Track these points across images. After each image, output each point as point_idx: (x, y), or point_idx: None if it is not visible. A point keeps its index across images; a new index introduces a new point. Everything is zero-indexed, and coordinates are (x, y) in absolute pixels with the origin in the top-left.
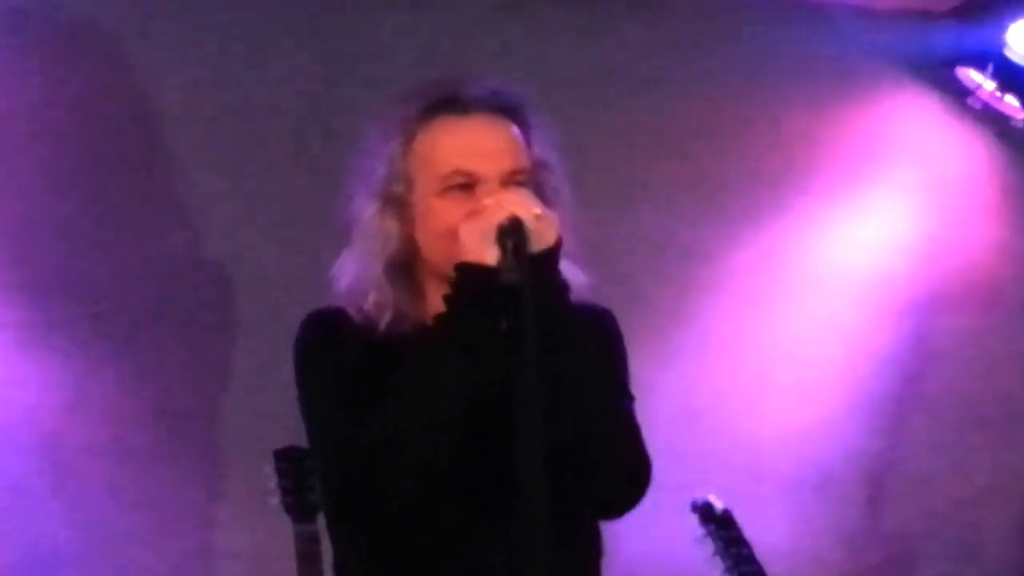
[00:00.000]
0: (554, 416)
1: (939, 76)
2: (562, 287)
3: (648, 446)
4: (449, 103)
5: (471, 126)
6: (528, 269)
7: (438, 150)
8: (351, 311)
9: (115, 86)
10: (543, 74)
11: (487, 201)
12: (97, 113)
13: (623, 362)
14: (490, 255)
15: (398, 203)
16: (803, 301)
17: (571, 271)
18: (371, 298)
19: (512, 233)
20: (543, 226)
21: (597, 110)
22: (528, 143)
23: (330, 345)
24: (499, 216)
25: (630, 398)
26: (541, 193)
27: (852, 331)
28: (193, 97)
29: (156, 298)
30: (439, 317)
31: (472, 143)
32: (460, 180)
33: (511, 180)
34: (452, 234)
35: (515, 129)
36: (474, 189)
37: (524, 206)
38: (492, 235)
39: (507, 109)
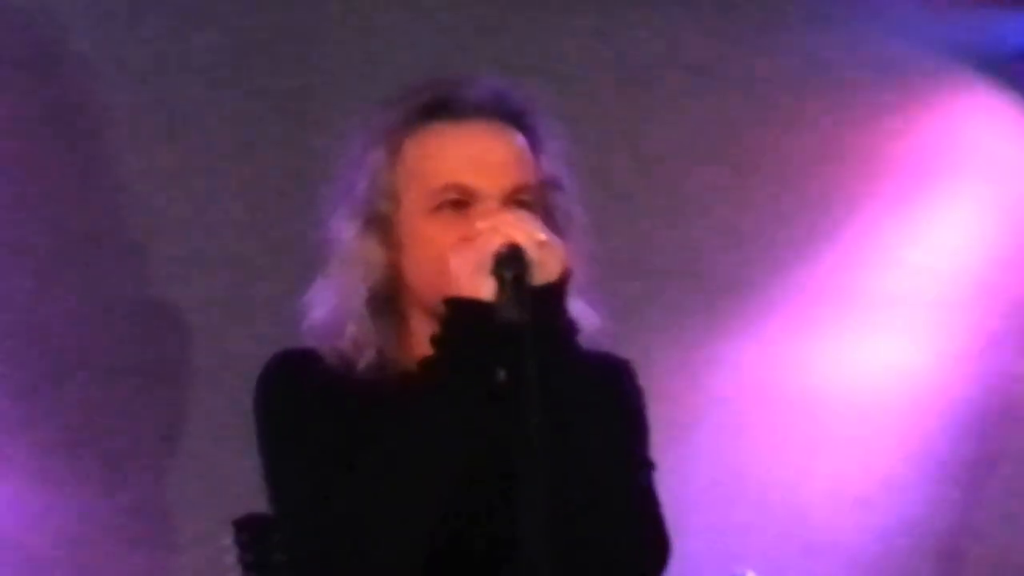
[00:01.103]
0: (561, 486)
1: (1011, 72)
2: (569, 328)
3: (675, 516)
4: (443, 107)
5: (468, 134)
6: (530, 306)
7: (429, 162)
8: (324, 351)
9: (68, 107)
10: (558, 73)
11: (482, 225)
12: (41, 137)
13: (642, 423)
14: (485, 289)
15: (382, 224)
16: (858, 341)
17: (582, 311)
18: (349, 335)
19: (511, 263)
20: (547, 255)
21: (620, 115)
22: (536, 156)
23: (298, 395)
24: (496, 242)
25: (649, 466)
26: (549, 216)
27: (917, 377)
28: (143, 117)
29: (95, 342)
30: (426, 362)
31: (469, 154)
32: (453, 197)
33: (513, 199)
34: (442, 260)
35: (520, 139)
36: (469, 208)
37: (525, 231)
38: (488, 265)
39: (512, 114)
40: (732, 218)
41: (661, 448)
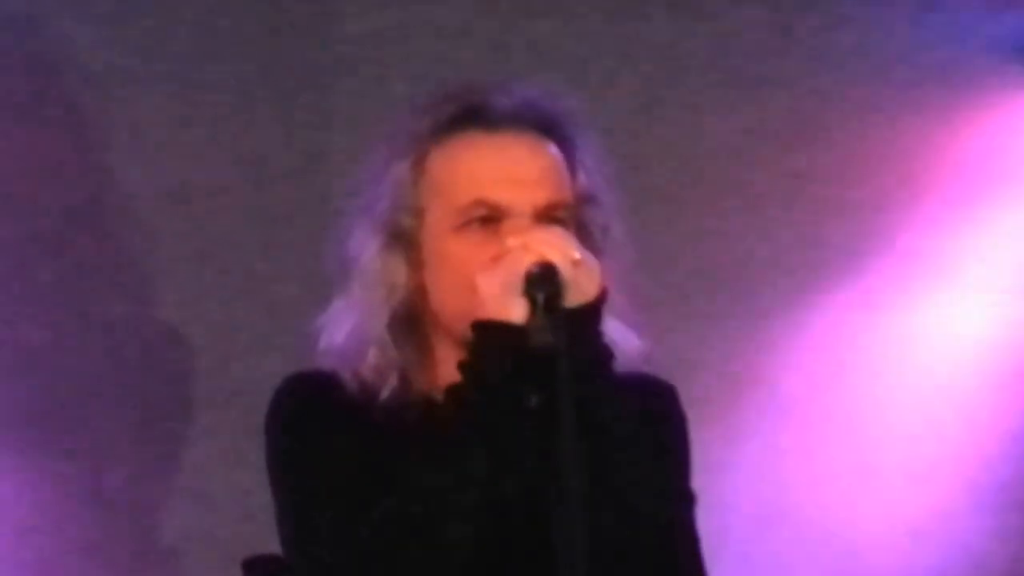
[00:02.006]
0: (596, 520)
1: None
2: (605, 352)
3: (715, 548)
4: (472, 116)
5: (499, 145)
6: (563, 329)
7: (456, 175)
8: (342, 375)
9: (71, 129)
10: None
11: (512, 242)
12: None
13: (683, 453)
14: (515, 311)
15: (406, 241)
16: (912, 363)
17: (620, 333)
18: (370, 361)
19: (543, 283)
20: (582, 275)
21: (655, 122)
22: (572, 169)
23: (314, 422)
24: (527, 261)
25: (690, 499)
26: (585, 232)
27: (974, 403)
28: (149, 133)
29: (96, 371)
30: (452, 390)
31: (499, 167)
32: (482, 213)
33: (547, 215)
34: (468, 282)
35: (555, 150)
36: (499, 226)
37: (559, 249)
38: (518, 285)
39: (546, 125)
40: (778, 227)
41: (700, 474)
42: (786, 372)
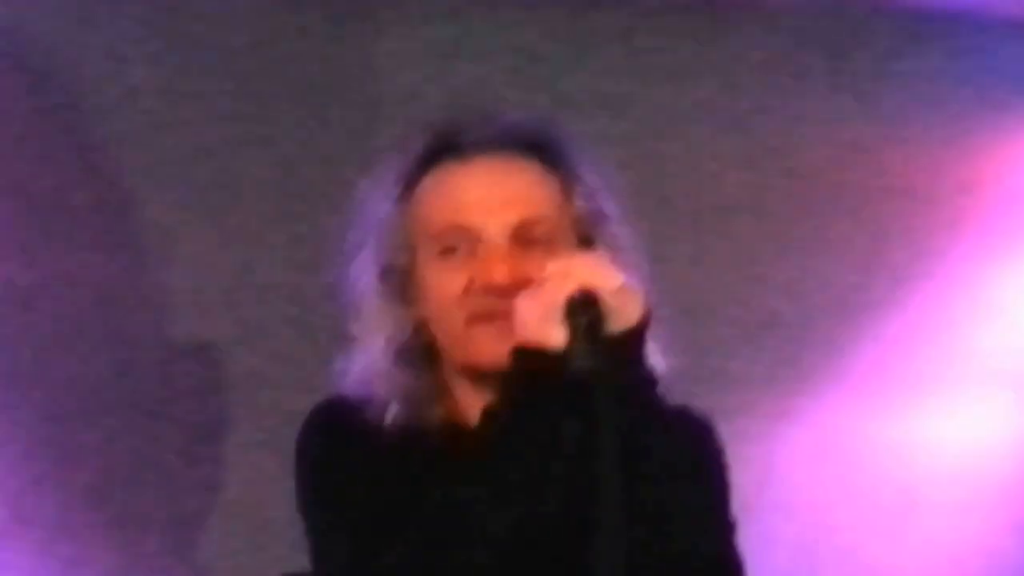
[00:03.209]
0: (640, 550)
1: None
2: (649, 379)
3: None
4: (448, 149)
5: (471, 172)
6: (605, 355)
7: (432, 207)
8: (365, 404)
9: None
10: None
11: (552, 267)
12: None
13: (724, 482)
14: (556, 337)
15: (400, 278)
16: (955, 393)
17: (653, 357)
18: (379, 394)
19: (584, 308)
20: (625, 300)
21: (680, 146)
22: (568, 187)
23: (341, 449)
24: (568, 287)
25: (732, 528)
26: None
27: (1021, 433)
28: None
29: (123, 387)
30: (488, 413)
31: (470, 191)
32: (456, 239)
33: (522, 236)
34: (449, 311)
35: (536, 169)
36: (477, 251)
37: (601, 275)
38: (558, 311)
39: (527, 145)
40: (812, 262)
41: (740, 509)
42: (828, 404)
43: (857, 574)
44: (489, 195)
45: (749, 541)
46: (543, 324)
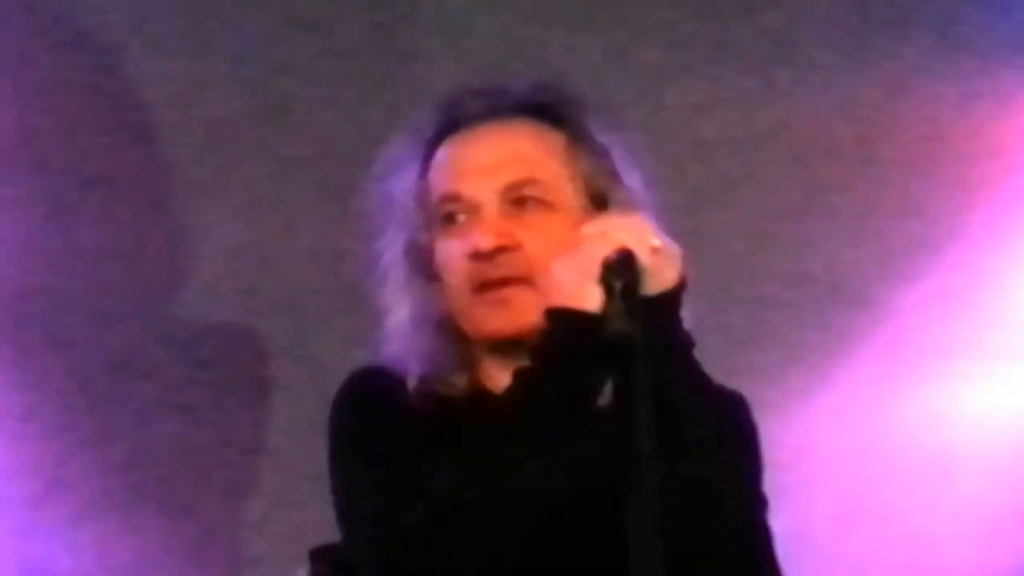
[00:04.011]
0: (673, 517)
1: None
2: (685, 340)
3: (793, 551)
4: (450, 124)
5: (464, 141)
6: (641, 317)
7: (434, 179)
8: (403, 372)
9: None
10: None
11: (589, 229)
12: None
13: (758, 457)
14: (592, 299)
15: (426, 254)
16: (991, 359)
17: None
18: (414, 363)
19: (621, 270)
20: (662, 262)
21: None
22: (572, 143)
23: (372, 410)
24: (604, 248)
25: (764, 504)
26: (602, 208)
27: None
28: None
29: (164, 358)
30: (520, 373)
31: (461, 158)
32: (453, 207)
33: (515, 195)
34: (453, 279)
35: (534, 129)
36: (474, 218)
37: (637, 236)
38: (595, 273)
39: (530, 107)
40: (845, 222)
41: (777, 474)
42: (863, 370)
43: (892, 543)
44: (477, 161)
45: (785, 511)
46: (579, 285)
